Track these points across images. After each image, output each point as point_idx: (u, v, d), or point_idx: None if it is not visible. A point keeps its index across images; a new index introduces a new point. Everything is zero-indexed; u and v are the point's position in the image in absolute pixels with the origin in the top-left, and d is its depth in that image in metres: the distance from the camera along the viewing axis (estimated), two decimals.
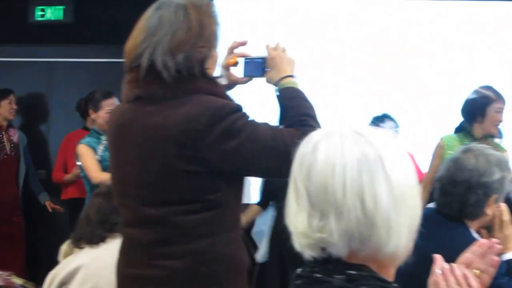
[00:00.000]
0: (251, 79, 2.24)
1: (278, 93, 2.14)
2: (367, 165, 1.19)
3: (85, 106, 5.06)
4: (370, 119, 5.12)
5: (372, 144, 1.21)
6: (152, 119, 1.94)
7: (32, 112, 6.33)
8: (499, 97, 4.24)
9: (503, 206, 2.35)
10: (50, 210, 5.76)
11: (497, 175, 2.30)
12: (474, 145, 2.49)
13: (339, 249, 1.20)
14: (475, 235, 2.34)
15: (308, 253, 1.24)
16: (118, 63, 2.14)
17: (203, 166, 1.90)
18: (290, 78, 2.14)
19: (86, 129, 5.33)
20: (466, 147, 2.42)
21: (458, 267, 1.45)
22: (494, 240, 1.49)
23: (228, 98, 2.02)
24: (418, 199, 1.26)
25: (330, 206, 1.19)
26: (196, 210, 1.93)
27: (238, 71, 2.25)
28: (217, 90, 1.99)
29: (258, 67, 2.19)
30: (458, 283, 1.43)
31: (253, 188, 4.89)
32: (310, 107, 2.08)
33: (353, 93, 5.81)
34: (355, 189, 1.18)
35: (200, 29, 1.96)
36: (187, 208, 1.93)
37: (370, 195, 1.18)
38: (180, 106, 1.91)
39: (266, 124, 1.98)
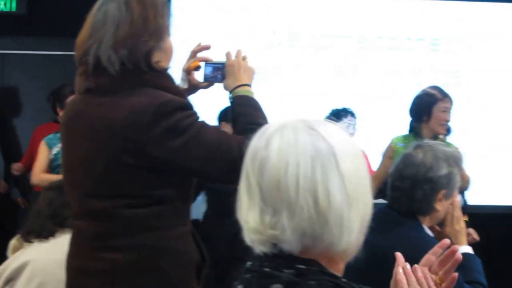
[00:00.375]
0: (212, 84, 2.23)
1: (231, 100, 2.14)
2: (320, 162, 1.18)
3: (54, 102, 5.00)
4: (328, 112, 5.06)
5: (325, 140, 1.20)
6: (99, 111, 1.93)
7: None
8: (445, 96, 4.21)
9: (457, 202, 2.37)
10: (22, 205, 5.69)
11: (444, 170, 2.31)
12: (427, 141, 2.51)
13: (291, 246, 1.19)
14: (428, 231, 2.36)
15: (259, 248, 1.23)
16: (71, 56, 2.11)
17: (147, 161, 1.89)
18: (245, 87, 2.14)
19: (56, 122, 5.22)
20: (418, 143, 2.44)
21: (419, 268, 1.46)
22: (456, 247, 1.49)
23: (180, 93, 2.00)
24: (370, 196, 1.26)
25: (283, 203, 1.18)
26: (141, 204, 1.92)
27: (200, 76, 2.24)
28: (165, 83, 1.97)
29: (218, 73, 2.18)
30: (420, 284, 1.43)
31: None
32: (262, 117, 2.07)
33: (313, 90, 5.82)
34: (308, 186, 1.17)
35: (144, 22, 1.95)
36: (131, 201, 1.92)
37: (323, 193, 1.17)
38: (125, 99, 1.90)
39: (214, 128, 1.97)
